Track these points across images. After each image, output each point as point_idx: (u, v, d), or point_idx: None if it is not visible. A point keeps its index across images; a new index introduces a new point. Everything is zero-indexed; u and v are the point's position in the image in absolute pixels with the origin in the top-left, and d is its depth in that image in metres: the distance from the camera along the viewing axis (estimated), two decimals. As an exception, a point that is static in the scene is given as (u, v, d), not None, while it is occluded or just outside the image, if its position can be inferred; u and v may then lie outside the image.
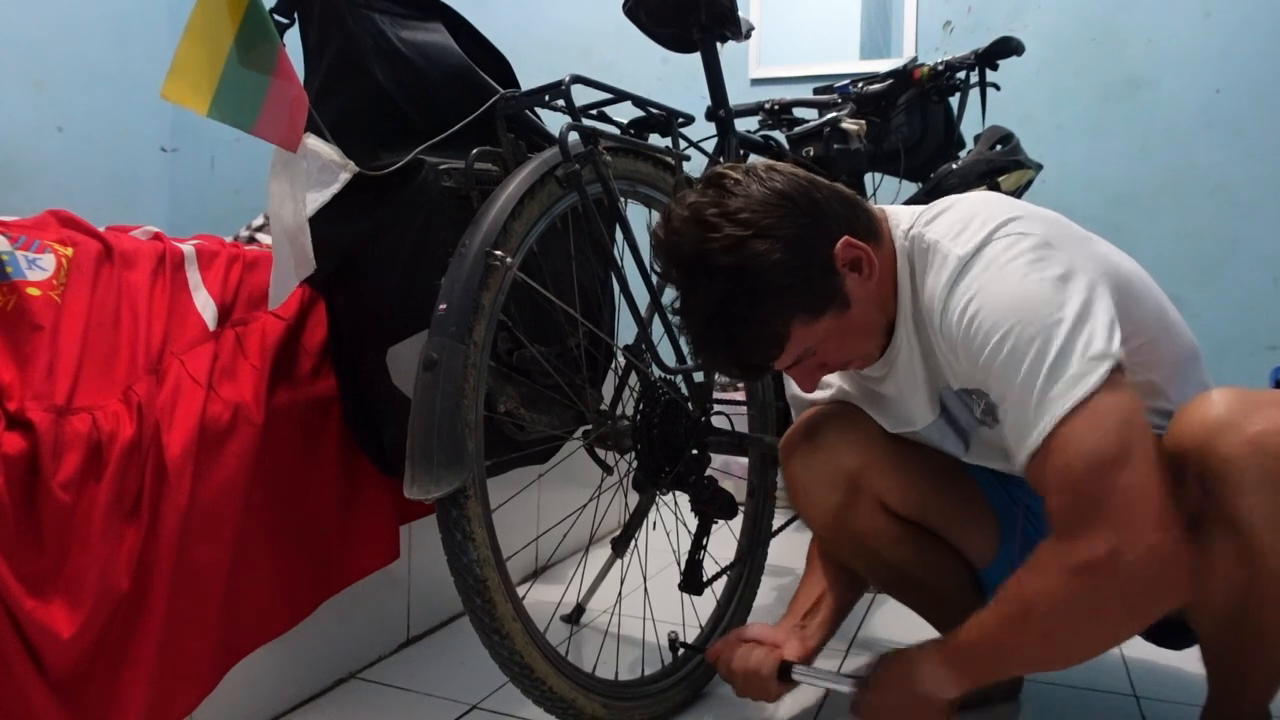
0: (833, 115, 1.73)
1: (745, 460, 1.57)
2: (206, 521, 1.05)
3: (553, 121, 1.27)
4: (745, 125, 1.70)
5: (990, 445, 1.06)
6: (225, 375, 1.13)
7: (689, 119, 1.46)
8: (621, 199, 1.25)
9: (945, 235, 0.97)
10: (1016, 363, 0.87)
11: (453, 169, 1.23)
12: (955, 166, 1.77)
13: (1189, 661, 1.09)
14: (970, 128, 1.89)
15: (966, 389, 1.01)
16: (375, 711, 1.26)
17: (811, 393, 1.11)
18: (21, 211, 1.24)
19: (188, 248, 1.24)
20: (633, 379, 1.26)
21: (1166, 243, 2.61)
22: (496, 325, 1.07)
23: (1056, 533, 0.88)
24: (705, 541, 1.33)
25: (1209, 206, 2.59)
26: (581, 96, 1.24)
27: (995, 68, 1.83)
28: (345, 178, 1.22)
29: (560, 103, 1.22)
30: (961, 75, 1.84)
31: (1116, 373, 0.86)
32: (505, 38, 1.50)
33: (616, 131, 1.42)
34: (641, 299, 1.26)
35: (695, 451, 1.28)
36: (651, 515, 1.54)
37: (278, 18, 1.20)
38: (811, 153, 1.73)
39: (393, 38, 1.25)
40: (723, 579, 1.41)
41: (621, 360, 1.32)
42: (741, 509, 1.34)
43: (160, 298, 1.16)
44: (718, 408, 1.38)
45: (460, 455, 0.98)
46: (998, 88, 1.86)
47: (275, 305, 1.16)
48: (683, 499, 1.30)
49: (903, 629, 1.49)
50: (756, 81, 3.04)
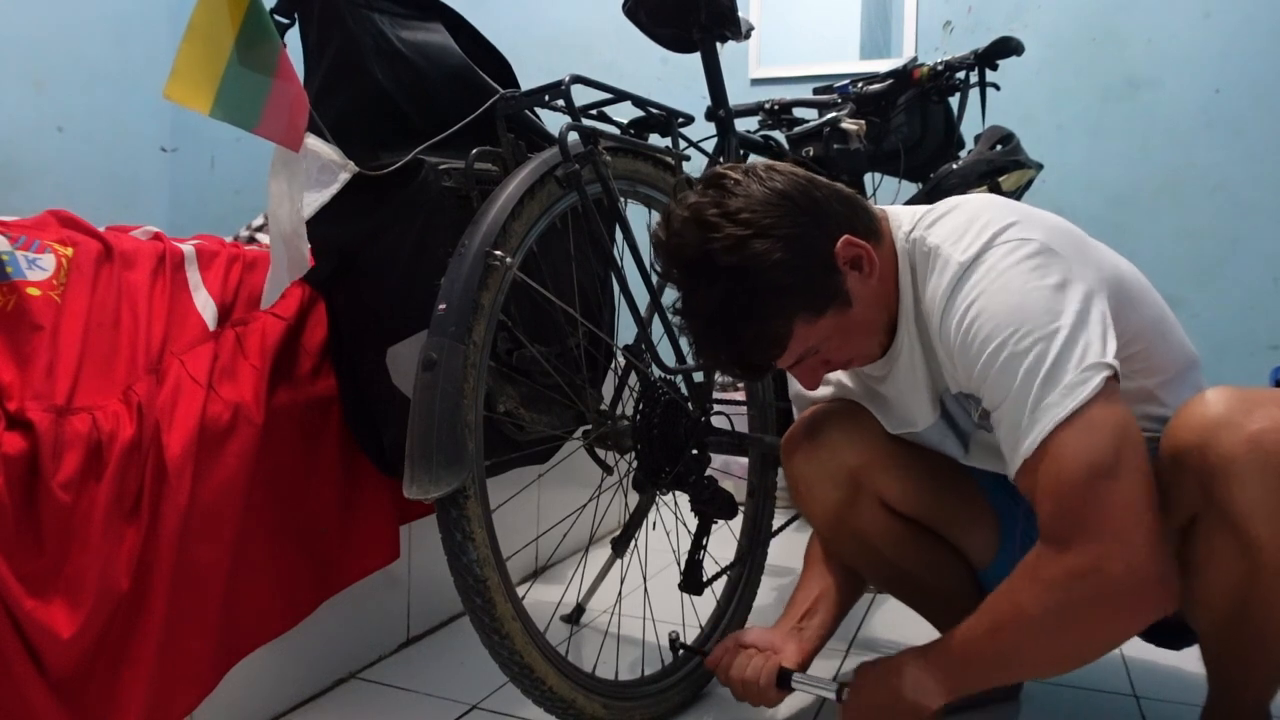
0: (833, 115, 1.73)
1: (745, 460, 1.57)
2: (206, 521, 1.05)
3: (552, 121, 1.27)
4: (745, 125, 1.70)
5: (989, 449, 1.06)
6: (225, 375, 1.13)
7: (689, 119, 1.46)
8: (621, 199, 1.25)
9: (946, 240, 0.97)
10: (1012, 370, 0.88)
11: (453, 169, 1.23)
12: (955, 166, 1.76)
13: (1189, 661, 1.09)
14: (970, 128, 1.89)
15: (964, 394, 1.02)
16: (375, 711, 1.26)
17: (815, 390, 1.11)
18: (21, 211, 1.24)
19: (188, 248, 1.24)
20: (633, 379, 1.26)
21: (1166, 243, 2.61)
22: (496, 325, 1.07)
23: (1043, 541, 0.88)
24: (705, 541, 1.33)
25: (1209, 206, 2.59)
26: (581, 96, 1.24)
27: (995, 68, 1.83)
28: (345, 178, 1.22)
29: (560, 103, 1.22)
30: (961, 75, 1.83)
31: (1112, 382, 0.86)
32: (505, 38, 1.50)
33: (616, 131, 1.42)
34: (641, 299, 1.26)
35: (695, 451, 1.28)
36: (651, 515, 1.54)
37: (278, 18, 1.20)
38: (811, 153, 1.73)
39: (393, 38, 1.25)
40: (723, 579, 1.41)
41: (621, 360, 1.32)
42: (741, 509, 1.34)
43: (160, 298, 1.16)
44: (718, 408, 1.38)
45: (460, 455, 0.98)
46: (997, 88, 1.86)
47: (268, 305, 1.16)
48: (683, 499, 1.30)
49: (903, 629, 1.49)
50: (756, 81, 3.04)
